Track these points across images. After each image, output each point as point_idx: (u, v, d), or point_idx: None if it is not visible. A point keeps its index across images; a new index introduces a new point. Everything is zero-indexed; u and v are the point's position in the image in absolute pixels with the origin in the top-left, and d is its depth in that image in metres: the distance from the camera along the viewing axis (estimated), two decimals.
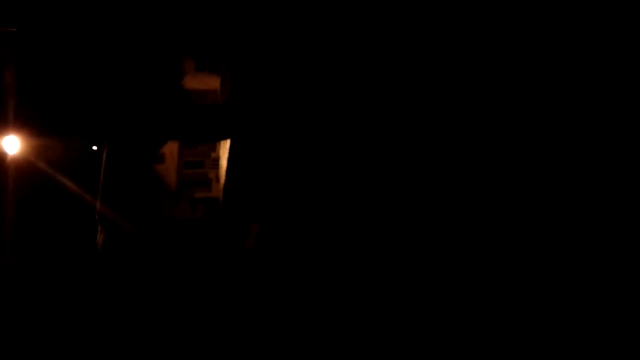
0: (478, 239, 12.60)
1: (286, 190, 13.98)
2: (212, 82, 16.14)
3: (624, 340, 9.58)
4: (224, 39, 14.57)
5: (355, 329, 14.25)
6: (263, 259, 15.38)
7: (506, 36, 11.53)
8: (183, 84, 15.79)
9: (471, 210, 12.75)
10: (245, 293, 16.62)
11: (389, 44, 12.32)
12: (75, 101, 14.83)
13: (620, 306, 10.04)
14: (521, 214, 11.95)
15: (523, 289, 11.93)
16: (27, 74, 13.11)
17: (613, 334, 9.87)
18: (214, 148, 18.21)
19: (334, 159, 13.60)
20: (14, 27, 12.92)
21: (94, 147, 16.08)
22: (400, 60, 12.21)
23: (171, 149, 17.80)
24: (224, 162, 16.26)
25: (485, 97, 12.13)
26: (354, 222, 13.88)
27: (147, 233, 16.77)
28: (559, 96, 11.38)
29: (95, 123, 15.12)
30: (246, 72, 12.87)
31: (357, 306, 14.15)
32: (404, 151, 12.88)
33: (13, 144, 13.48)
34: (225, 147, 16.05)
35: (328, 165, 13.62)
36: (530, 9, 11.17)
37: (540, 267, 11.67)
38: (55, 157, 14.97)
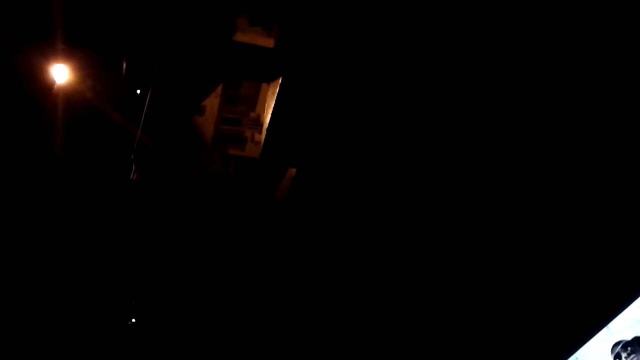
0: (478, 238, 12.29)
1: (330, 138, 13.88)
2: (263, 41, 15.97)
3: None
4: None
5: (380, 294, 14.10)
6: (293, 212, 15.37)
7: (506, 36, 11.01)
8: (234, 39, 15.68)
9: (471, 208, 12.42)
10: (269, 246, 16.57)
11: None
12: (127, 42, 14.91)
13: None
14: (520, 214, 11.55)
15: (522, 289, 11.59)
16: (81, 4, 13.27)
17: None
18: (254, 108, 18.17)
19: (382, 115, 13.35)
20: None
21: (138, 91, 16.25)
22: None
23: (212, 103, 17.85)
24: (268, 115, 16.18)
25: (486, 97, 11.71)
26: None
27: (179, 173, 16.87)
28: (558, 96, 10.81)
29: (143, 64, 15.18)
30: (302, 24, 12.69)
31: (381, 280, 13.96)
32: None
33: (62, 73, 13.83)
34: (271, 98, 15.95)
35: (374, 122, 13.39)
36: (530, 9, 10.58)
37: (539, 267, 11.30)
38: (101, 91, 15.26)
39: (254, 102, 17.56)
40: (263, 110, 17.78)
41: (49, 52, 12.98)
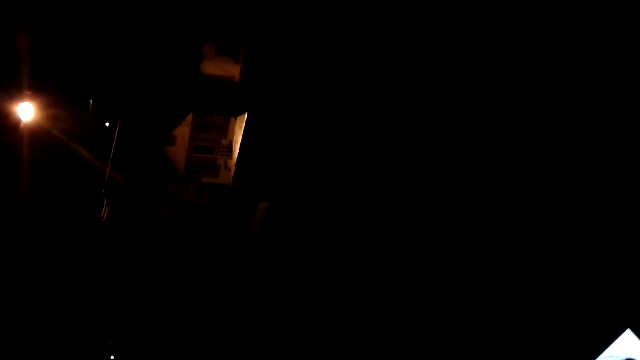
0: (478, 239, 12.43)
1: (300, 169, 13.86)
2: (230, 69, 16.09)
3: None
4: (247, 22, 14.39)
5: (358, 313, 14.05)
6: (268, 240, 15.22)
7: (506, 36, 11.30)
8: (201, 68, 15.75)
9: (471, 209, 12.57)
10: (247, 275, 16.40)
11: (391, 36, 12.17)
12: (92, 74, 14.79)
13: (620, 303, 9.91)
14: (520, 214, 11.74)
15: (522, 289, 11.73)
16: (46, 44, 13.15)
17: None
18: (225, 134, 18.16)
19: (350, 141, 13.43)
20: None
21: (107, 123, 16.04)
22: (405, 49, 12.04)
23: (183, 132, 17.77)
24: (237, 148, 16.19)
25: (485, 97, 11.94)
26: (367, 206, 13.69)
27: (152, 208, 16.66)
28: (558, 96, 11.12)
29: (109, 96, 15.06)
30: (267, 54, 12.80)
31: (361, 294, 13.95)
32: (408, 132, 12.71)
33: (28, 111, 13.56)
34: (239, 132, 16.00)
35: (343, 146, 13.47)
36: (531, 9, 10.92)
37: (539, 267, 11.48)
38: (68, 129, 15.02)
39: (225, 128, 17.56)
40: (234, 136, 17.77)
41: (14, 91, 12.72)
